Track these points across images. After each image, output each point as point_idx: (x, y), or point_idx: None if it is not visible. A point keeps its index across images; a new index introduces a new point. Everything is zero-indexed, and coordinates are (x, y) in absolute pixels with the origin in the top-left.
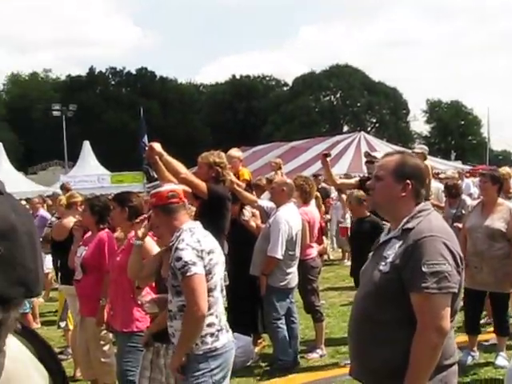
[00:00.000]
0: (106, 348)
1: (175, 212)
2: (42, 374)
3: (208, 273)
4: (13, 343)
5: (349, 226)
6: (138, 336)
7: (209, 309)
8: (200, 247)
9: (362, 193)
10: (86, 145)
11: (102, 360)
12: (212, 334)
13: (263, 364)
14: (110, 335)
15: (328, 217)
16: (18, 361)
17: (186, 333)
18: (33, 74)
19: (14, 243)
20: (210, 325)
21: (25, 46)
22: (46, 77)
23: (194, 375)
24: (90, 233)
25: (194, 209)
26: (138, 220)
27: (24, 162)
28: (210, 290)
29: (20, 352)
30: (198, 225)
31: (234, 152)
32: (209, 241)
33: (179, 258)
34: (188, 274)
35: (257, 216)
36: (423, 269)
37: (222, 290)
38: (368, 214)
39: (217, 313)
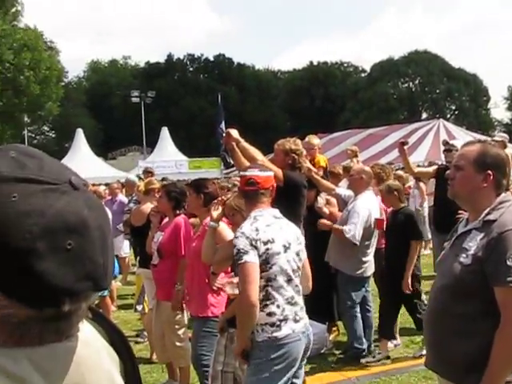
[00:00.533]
0: (180, 332)
1: (251, 199)
2: (114, 359)
3: (265, 262)
4: (86, 328)
5: (384, 217)
6: (212, 321)
7: (268, 298)
8: (256, 236)
9: (395, 182)
10: (164, 131)
11: (177, 344)
12: (273, 324)
13: (337, 352)
14: (185, 319)
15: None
16: (89, 346)
17: (239, 320)
18: (112, 61)
19: (85, 238)
20: (269, 314)
21: (104, 33)
22: (125, 64)
23: (254, 362)
24: (166, 219)
25: None
26: (214, 202)
27: (103, 148)
28: (268, 280)
29: (92, 337)
30: (266, 212)
31: (314, 140)
32: (271, 230)
33: (234, 246)
34: (239, 261)
35: (331, 203)
36: (508, 262)
37: (289, 280)
38: (402, 205)
39: (279, 302)
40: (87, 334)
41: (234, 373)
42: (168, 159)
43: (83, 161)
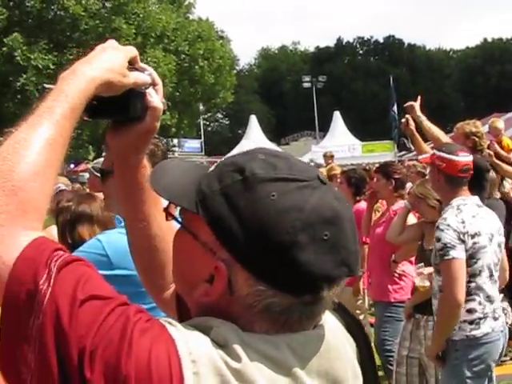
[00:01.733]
0: (361, 317)
1: (455, 186)
2: (352, 345)
3: (470, 257)
4: (330, 318)
5: None
6: (395, 306)
7: (470, 294)
8: (463, 229)
9: None
10: (337, 115)
11: None
12: (472, 322)
13: None
14: (366, 305)
15: None
16: (336, 334)
17: (441, 319)
18: (282, 48)
19: (339, 228)
20: (469, 311)
21: (274, 20)
22: (295, 49)
23: (451, 363)
24: None
25: None
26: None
27: (276, 133)
28: (472, 276)
29: (336, 326)
30: (470, 201)
31: (499, 124)
32: (477, 222)
33: (438, 239)
34: (446, 257)
35: None
36: None
37: (491, 275)
38: None
39: (481, 299)
40: (332, 323)
41: (419, 358)
42: (341, 143)
43: (257, 147)
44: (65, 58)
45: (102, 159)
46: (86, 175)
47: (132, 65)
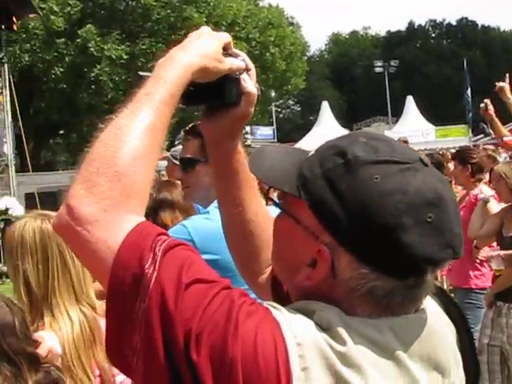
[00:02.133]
0: None
1: None
2: (452, 330)
3: None
4: (429, 300)
5: None
6: (475, 293)
7: None
8: None
9: None
10: (409, 99)
11: None
12: None
13: None
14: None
15: None
16: (438, 319)
17: None
18: (352, 33)
19: (443, 210)
20: None
21: (344, 5)
22: (366, 34)
23: None
24: None
25: None
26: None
27: (347, 119)
28: None
29: (438, 311)
30: None
31: None
32: None
33: None
34: None
35: None
36: None
37: None
38: None
39: None
40: (433, 307)
41: (500, 347)
42: (414, 128)
43: (330, 133)
44: (137, 48)
45: (179, 147)
46: (162, 163)
47: (226, 51)
